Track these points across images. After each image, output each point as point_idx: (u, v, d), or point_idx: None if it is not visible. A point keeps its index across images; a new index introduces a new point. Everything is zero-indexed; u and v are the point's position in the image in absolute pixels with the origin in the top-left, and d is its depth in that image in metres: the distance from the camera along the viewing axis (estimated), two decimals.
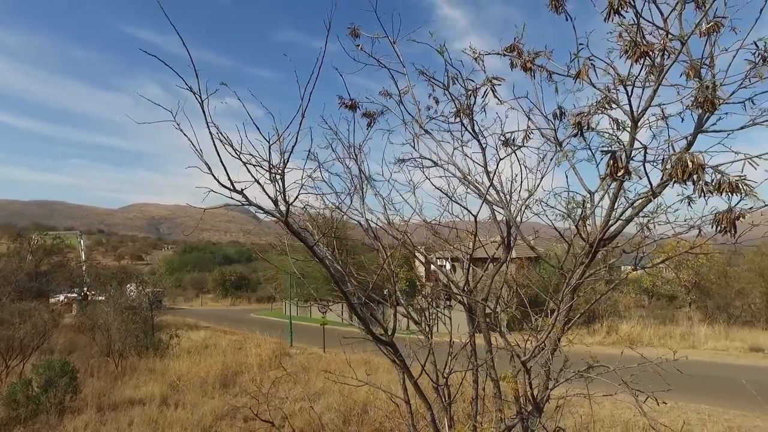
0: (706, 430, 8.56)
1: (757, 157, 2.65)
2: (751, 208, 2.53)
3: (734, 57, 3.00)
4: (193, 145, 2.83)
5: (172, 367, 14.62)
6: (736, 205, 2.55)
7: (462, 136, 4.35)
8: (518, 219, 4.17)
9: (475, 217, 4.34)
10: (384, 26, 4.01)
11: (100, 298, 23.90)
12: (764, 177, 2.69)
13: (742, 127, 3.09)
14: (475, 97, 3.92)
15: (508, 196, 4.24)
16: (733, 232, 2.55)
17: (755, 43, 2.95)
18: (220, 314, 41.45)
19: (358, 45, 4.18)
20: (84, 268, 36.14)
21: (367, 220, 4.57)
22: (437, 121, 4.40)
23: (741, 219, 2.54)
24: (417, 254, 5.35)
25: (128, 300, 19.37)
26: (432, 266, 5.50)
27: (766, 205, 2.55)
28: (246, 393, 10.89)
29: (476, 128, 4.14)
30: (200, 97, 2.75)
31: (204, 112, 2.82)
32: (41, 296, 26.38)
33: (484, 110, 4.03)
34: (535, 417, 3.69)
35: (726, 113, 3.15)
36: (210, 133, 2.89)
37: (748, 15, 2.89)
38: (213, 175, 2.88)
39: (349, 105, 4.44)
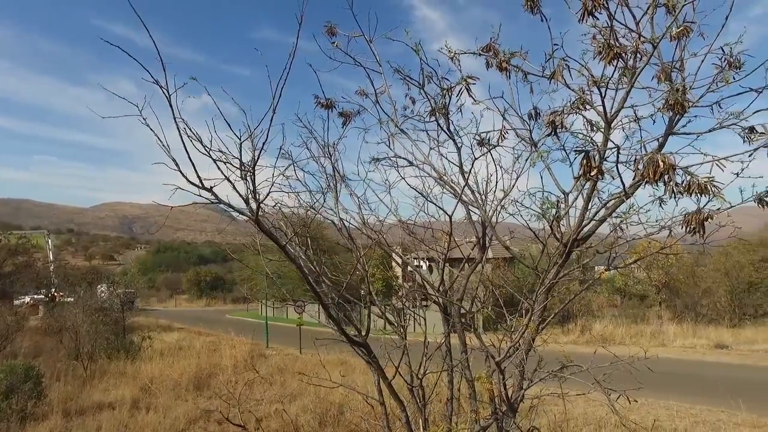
0: (674, 425, 8.77)
1: (724, 159, 2.71)
2: (718, 209, 2.58)
3: (702, 61, 3.07)
4: (160, 140, 2.72)
5: (144, 369, 14.25)
6: (704, 206, 2.59)
7: (438, 136, 4.33)
8: (493, 219, 4.17)
9: (450, 217, 4.33)
10: (360, 25, 3.96)
11: (68, 299, 23.15)
12: (731, 179, 2.76)
13: (710, 130, 3.16)
14: (451, 96, 3.90)
15: (483, 196, 4.24)
16: (701, 232, 2.59)
17: (722, 48, 3.02)
18: (194, 315, 40.75)
19: (334, 42, 4.11)
20: (52, 268, 34.98)
21: (341, 219, 4.50)
22: (413, 120, 4.37)
23: (709, 220, 2.58)
24: (393, 255, 5.31)
25: (99, 301, 18.82)
26: (408, 267, 5.47)
27: (732, 207, 2.60)
28: (219, 396, 10.67)
29: (452, 128, 4.12)
30: (167, 90, 2.64)
31: (171, 106, 2.71)
32: (5, 298, 25.49)
33: (460, 110, 4.03)
34: (509, 417, 3.70)
35: (695, 116, 3.22)
36: (177, 128, 2.78)
37: (715, 21, 2.96)
38: (181, 172, 2.78)
39: (324, 104, 4.36)
